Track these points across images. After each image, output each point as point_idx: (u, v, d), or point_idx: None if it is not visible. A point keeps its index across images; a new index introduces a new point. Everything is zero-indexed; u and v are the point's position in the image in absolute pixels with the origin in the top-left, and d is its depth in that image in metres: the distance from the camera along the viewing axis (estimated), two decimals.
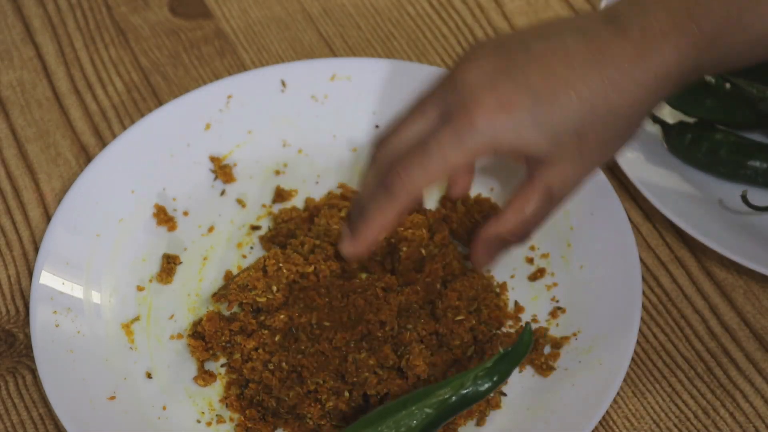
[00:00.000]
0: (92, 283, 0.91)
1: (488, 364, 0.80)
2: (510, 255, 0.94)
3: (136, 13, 1.11)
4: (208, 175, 0.98)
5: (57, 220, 0.93)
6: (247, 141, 1.00)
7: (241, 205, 0.97)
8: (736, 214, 0.95)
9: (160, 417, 0.86)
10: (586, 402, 0.83)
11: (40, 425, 0.87)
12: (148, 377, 0.88)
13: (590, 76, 0.78)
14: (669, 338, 0.91)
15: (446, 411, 0.80)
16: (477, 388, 0.80)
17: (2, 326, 0.92)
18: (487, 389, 0.80)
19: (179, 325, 0.91)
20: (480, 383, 0.80)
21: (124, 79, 1.06)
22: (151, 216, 0.96)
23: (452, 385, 0.80)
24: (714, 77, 0.97)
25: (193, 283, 0.93)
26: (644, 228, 0.96)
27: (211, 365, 0.89)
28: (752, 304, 0.92)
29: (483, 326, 0.88)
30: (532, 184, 0.81)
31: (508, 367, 0.80)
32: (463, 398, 0.80)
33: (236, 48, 1.09)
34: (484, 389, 0.80)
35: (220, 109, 0.99)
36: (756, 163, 0.96)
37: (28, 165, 1.01)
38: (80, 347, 0.88)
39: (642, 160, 0.97)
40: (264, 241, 0.95)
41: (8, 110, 1.05)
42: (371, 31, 1.10)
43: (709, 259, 0.94)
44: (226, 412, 0.86)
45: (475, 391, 0.80)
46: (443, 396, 0.80)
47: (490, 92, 0.79)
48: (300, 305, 0.88)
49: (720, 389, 0.88)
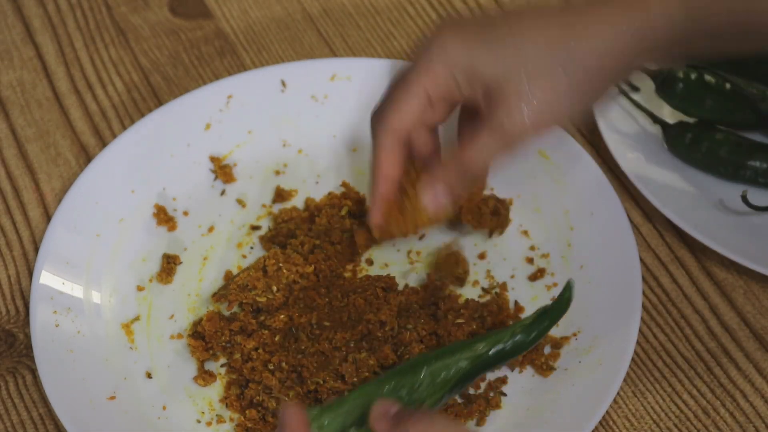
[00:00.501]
0: (92, 283, 0.91)
1: (527, 320, 0.80)
2: (510, 255, 0.94)
3: (136, 13, 1.11)
4: (208, 175, 0.98)
5: (57, 220, 0.93)
6: (247, 141, 1.00)
7: (241, 205, 0.97)
8: (736, 214, 0.95)
9: (160, 417, 0.86)
10: (586, 402, 0.83)
11: (40, 425, 0.87)
12: (148, 377, 0.88)
13: (555, 23, 0.81)
14: (669, 338, 0.91)
15: (482, 364, 0.80)
16: (515, 344, 0.81)
17: (2, 326, 0.92)
18: (525, 345, 0.80)
19: (179, 325, 0.91)
20: (518, 339, 0.81)
21: (124, 79, 1.06)
22: (151, 216, 0.96)
23: (490, 340, 0.81)
24: (714, 77, 0.97)
25: (193, 283, 0.93)
26: (644, 228, 0.96)
27: (211, 365, 0.89)
28: (752, 304, 0.92)
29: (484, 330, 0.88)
30: (482, 123, 0.82)
31: (547, 324, 0.81)
32: (500, 353, 0.81)
33: (236, 48, 1.09)
34: (522, 345, 0.81)
35: (220, 109, 0.99)
36: (756, 163, 0.96)
37: (28, 165, 1.01)
38: (80, 347, 0.88)
39: (642, 160, 0.97)
40: (264, 241, 0.95)
41: (8, 110, 1.05)
42: (371, 31, 1.10)
43: (709, 259, 0.94)
44: (226, 412, 0.86)
45: (514, 347, 0.81)
46: (480, 350, 0.80)
47: (452, 28, 0.83)
48: (300, 305, 0.88)
49: (720, 389, 0.88)
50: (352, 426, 0.77)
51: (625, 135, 0.99)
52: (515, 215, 0.96)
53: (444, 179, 0.84)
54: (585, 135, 1.01)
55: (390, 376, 0.80)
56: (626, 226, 0.91)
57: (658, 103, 1.00)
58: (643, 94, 1.01)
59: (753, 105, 0.97)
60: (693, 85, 0.97)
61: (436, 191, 0.84)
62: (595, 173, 0.94)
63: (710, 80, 0.97)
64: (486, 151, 0.82)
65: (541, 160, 0.96)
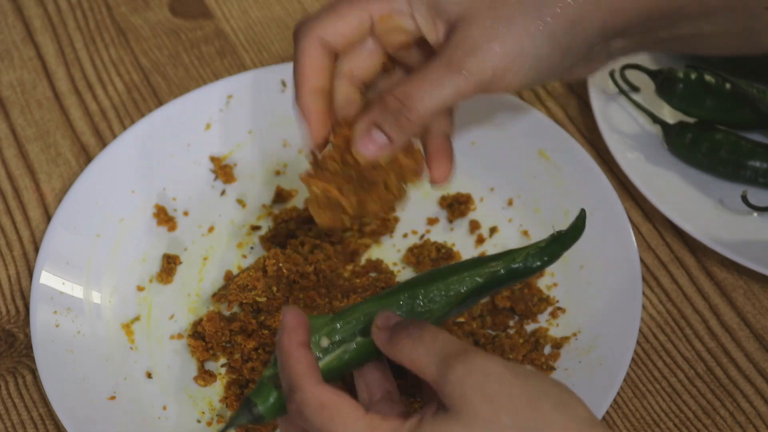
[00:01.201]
0: (92, 283, 0.91)
1: (541, 243, 0.80)
2: None
3: (136, 13, 1.11)
4: (209, 175, 0.98)
5: (57, 220, 0.93)
6: (247, 141, 1.00)
7: (242, 205, 0.97)
8: (736, 214, 0.95)
9: (160, 417, 0.86)
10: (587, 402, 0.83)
11: (40, 425, 0.87)
12: (148, 377, 0.88)
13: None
14: (669, 338, 0.91)
15: (494, 282, 0.80)
16: (527, 265, 0.80)
17: (2, 326, 0.92)
18: (536, 267, 0.80)
19: (179, 325, 0.91)
20: (530, 261, 0.80)
21: (125, 79, 1.06)
22: (152, 216, 0.96)
23: (504, 259, 0.80)
24: (714, 77, 0.97)
25: (193, 283, 0.93)
26: (644, 228, 0.96)
27: (211, 365, 0.89)
28: (752, 304, 0.92)
29: (484, 330, 0.88)
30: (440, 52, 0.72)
31: (559, 250, 0.80)
32: (513, 272, 0.80)
33: (236, 48, 1.09)
34: (533, 267, 0.80)
35: (220, 109, 0.99)
36: (756, 163, 0.96)
37: (28, 165, 1.01)
38: (80, 347, 0.88)
39: (642, 160, 0.97)
40: (264, 241, 0.95)
41: (8, 110, 1.05)
42: None
43: (709, 259, 0.94)
44: (226, 412, 0.86)
45: (525, 267, 0.80)
46: (494, 268, 0.80)
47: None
48: (300, 305, 0.88)
49: (720, 389, 0.88)
50: (361, 334, 0.76)
51: (625, 135, 0.99)
52: (515, 215, 0.96)
53: (382, 119, 0.72)
54: (585, 135, 1.01)
55: (405, 287, 0.79)
56: (626, 226, 0.91)
57: (658, 103, 1.00)
58: (643, 94, 1.01)
59: (753, 105, 0.97)
60: (693, 85, 0.97)
61: (372, 134, 0.73)
62: (595, 173, 0.94)
63: (710, 80, 0.97)
64: (437, 89, 0.71)
65: (541, 160, 0.96)
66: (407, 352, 0.70)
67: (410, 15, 0.73)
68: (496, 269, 0.80)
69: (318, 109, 0.75)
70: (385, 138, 0.73)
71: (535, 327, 0.90)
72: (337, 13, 0.73)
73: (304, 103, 0.75)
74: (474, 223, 0.95)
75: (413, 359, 0.70)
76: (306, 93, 0.75)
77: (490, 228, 0.95)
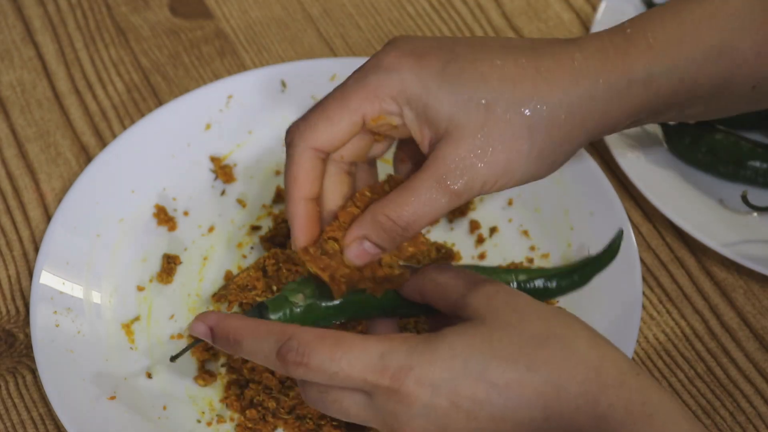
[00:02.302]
0: (92, 283, 0.91)
1: (573, 265, 0.80)
2: (510, 255, 0.94)
3: (136, 13, 1.11)
4: (209, 175, 0.98)
5: (57, 220, 0.93)
6: (247, 141, 1.00)
7: (242, 205, 0.97)
8: (736, 214, 0.95)
9: (160, 417, 0.86)
10: None
11: (40, 425, 0.87)
12: (148, 377, 0.88)
13: (523, 60, 0.72)
14: (669, 338, 0.91)
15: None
16: (549, 285, 0.80)
17: (2, 326, 0.92)
18: (561, 288, 0.80)
19: (179, 325, 0.91)
20: (556, 281, 0.80)
21: (125, 79, 1.06)
22: (152, 216, 0.96)
23: (531, 273, 0.80)
24: None
25: (193, 283, 0.93)
26: (644, 228, 0.96)
27: (211, 365, 0.89)
28: (752, 304, 0.92)
29: None
30: (427, 165, 0.72)
31: (591, 272, 0.80)
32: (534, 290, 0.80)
33: (236, 48, 1.09)
34: (558, 287, 0.80)
35: (220, 109, 0.99)
36: (756, 163, 0.96)
37: (28, 165, 1.01)
38: (80, 347, 0.88)
39: (642, 160, 0.97)
40: (264, 241, 0.95)
41: (8, 110, 1.05)
42: (371, 31, 1.10)
43: (709, 259, 0.94)
44: (226, 412, 0.86)
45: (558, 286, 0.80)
46: (519, 278, 0.80)
47: (410, 42, 0.74)
48: None
49: (720, 389, 0.88)
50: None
51: (625, 135, 0.99)
52: (515, 215, 0.96)
53: (375, 236, 0.74)
54: None
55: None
56: (626, 226, 0.91)
57: None
58: None
59: None
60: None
61: (363, 245, 0.74)
62: (595, 173, 0.94)
63: None
64: (429, 208, 0.72)
65: None
66: (433, 276, 0.73)
67: (400, 115, 0.74)
68: (521, 280, 0.80)
69: (306, 216, 0.75)
70: (377, 248, 0.74)
71: None
72: (329, 120, 0.73)
73: (292, 210, 0.76)
74: (474, 222, 0.95)
75: (439, 282, 0.73)
76: (296, 201, 0.76)
77: (490, 228, 0.95)
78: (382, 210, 0.73)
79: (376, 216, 0.73)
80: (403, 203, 0.73)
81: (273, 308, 0.77)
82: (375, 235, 0.74)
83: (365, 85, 0.73)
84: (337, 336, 0.69)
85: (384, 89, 0.73)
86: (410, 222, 0.73)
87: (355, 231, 0.74)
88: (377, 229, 0.73)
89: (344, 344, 0.68)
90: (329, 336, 0.69)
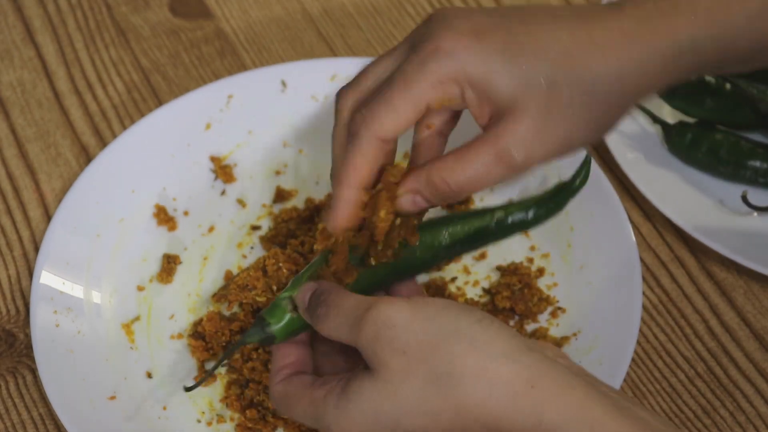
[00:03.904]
0: (92, 283, 0.91)
1: (548, 193, 0.80)
2: (510, 255, 0.94)
3: (136, 13, 1.11)
4: (209, 175, 0.99)
5: (57, 220, 0.93)
6: (247, 141, 1.00)
7: (242, 205, 0.97)
8: (736, 214, 0.95)
9: (160, 417, 0.86)
10: None
11: (40, 425, 0.87)
12: (148, 377, 0.88)
13: (577, 31, 0.73)
14: (669, 338, 0.91)
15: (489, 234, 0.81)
16: (527, 216, 0.81)
17: (2, 326, 0.92)
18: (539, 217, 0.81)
19: (179, 325, 0.91)
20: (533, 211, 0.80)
21: (125, 79, 1.07)
22: (152, 216, 0.96)
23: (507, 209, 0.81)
24: (714, 77, 0.97)
25: (193, 283, 0.93)
26: (644, 228, 0.96)
27: (211, 365, 0.89)
28: (752, 304, 0.92)
29: None
30: (487, 138, 0.73)
31: (563, 199, 0.80)
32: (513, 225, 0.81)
33: (236, 48, 1.09)
34: (536, 216, 0.81)
35: (220, 109, 0.99)
36: (756, 163, 0.96)
37: (28, 165, 1.01)
38: (80, 347, 0.88)
39: (642, 160, 0.97)
40: (264, 241, 0.95)
41: (8, 110, 1.05)
42: (371, 31, 1.10)
43: (709, 259, 0.94)
44: (226, 412, 0.86)
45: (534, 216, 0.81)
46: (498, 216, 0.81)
47: (463, 20, 0.74)
48: None
49: (720, 389, 0.88)
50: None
51: (625, 135, 0.99)
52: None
53: (428, 193, 0.75)
54: None
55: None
56: (626, 226, 0.91)
57: (658, 103, 1.00)
58: None
59: (753, 105, 0.97)
60: (693, 85, 0.97)
61: (414, 197, 0.76)
62: (595, 173, 0.94)
63: (710, 80, 0.97)
64: (485, 177, 0.74)
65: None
66: (326, 324, 0.73)
67: (461, 97, 0.74)
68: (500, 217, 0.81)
69: (355, 204, 0.76)
70: (426, 203, 0.76)
71: (535, 327, 0.90)
72: (395, 110, 0.74)
73: (345, 195, 0.76)
74: None
75: (331, 329, 0.73)
76: (350, 187, 0.76)
77: None
78: (439, 172, 0.75)
79: (431, 176, 0.75)
80: (460, 170, 0.74)
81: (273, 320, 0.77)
82: (428, 192, 0.75)
83: (428, 72, 0.73)
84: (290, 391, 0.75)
85: (447, 75, 0.73)
86: (464, 187, 0.74)
87: (410, 184, 0.76)
88: (431, 188, 0.75)
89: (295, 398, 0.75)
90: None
